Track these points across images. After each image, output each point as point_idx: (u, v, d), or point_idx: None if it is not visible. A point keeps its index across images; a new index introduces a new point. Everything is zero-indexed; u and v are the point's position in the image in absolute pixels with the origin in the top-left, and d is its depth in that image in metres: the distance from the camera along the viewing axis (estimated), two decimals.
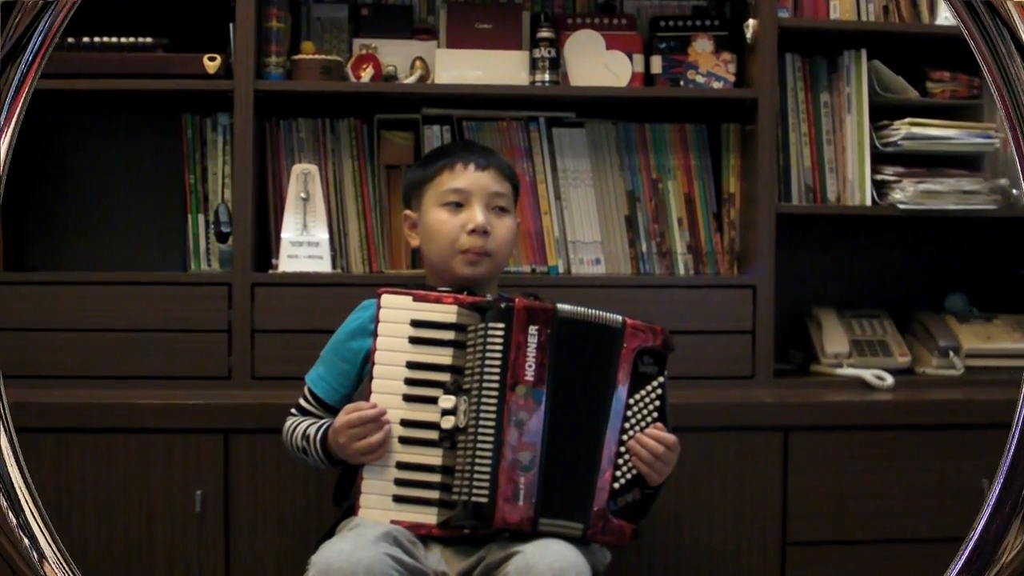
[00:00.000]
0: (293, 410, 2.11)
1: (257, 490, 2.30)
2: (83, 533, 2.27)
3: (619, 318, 1.92)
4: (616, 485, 1.88)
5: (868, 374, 2.61)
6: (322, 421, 2.03)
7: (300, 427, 2.04)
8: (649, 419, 1.91)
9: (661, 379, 1.93)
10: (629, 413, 1.90)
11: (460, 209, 2.07)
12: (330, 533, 1.93)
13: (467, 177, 2.08)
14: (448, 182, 2.08)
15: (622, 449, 1.89)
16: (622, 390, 1.90)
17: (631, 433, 1.90)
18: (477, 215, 2.06)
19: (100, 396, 2.36)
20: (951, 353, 2.72)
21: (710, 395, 2.46)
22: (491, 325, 1.86)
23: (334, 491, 2.06)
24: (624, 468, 1.89)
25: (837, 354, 2.71)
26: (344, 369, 2.07)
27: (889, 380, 2.59)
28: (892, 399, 2.50)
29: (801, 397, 2.49)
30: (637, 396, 1.91)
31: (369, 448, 1.87)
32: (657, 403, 1.92)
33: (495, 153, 2.20)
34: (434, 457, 1.87)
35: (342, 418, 1.90)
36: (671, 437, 1.92)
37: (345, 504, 1.99)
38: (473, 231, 2.05)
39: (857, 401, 2.47)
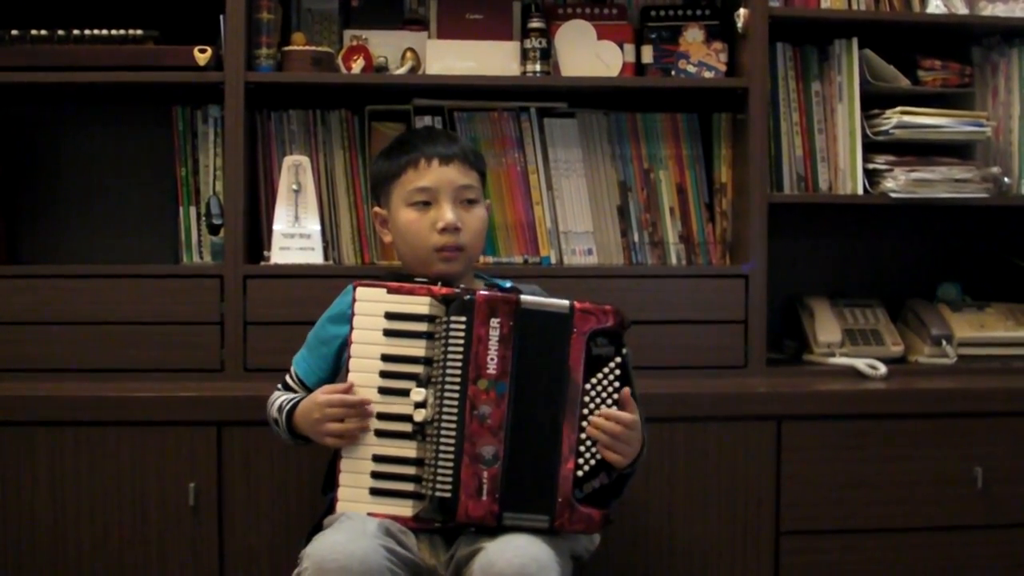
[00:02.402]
0: (279, 385, 2.13)
1: (251, 482, 2.30)
2: (76, 526, 2.27)
3: (566, 303, 1.90)
4: (579, 473, 1.86)
5: (861, 363, 2.61)
6: (296, 396, 2.05)
7: (279, 400, 2.07)
8: (609, 401, 1.89)
9: (619, 359, 1.90)
10: (587, 399, 1.88)
11: (428, 208, 2.05)
12: (318, 527, 1.93)
13: (432, 174, 2.05)
14: (414, 181, 2.05)
15: (583, 436, 1.87)
16: (577, 376, 1.88)
17: (591, 419, 1.88)
18: (446, 213, 2.03)
19: (92, 389, 2.36)
20: (944, 342, 2.73)
21: (703, 385, 2.46)
22: (453, 318, 1.86)
23: (324, 482, 2.06)
24: (587, 455, 1.87)
25: (830, 343, 2.71)
26: (324, 352, 2.08)
27: (882, 369, 2.59)
28: (885, 388, 2.51)
29: (794, 386, 2.48)
30: (594, 380, 1.89)
31: (340, 434, 1.88)
32: (616, 384, 1.89)
33: (457, 140, 2.16)
34: (408, 450, 1.87)
35: (321, 396, 1.91)
36: (628, 415, 1.89)
37: (329, 496, 1.99)
38: (444, 229, 2.03)
39: (850, 390, 2.48)
